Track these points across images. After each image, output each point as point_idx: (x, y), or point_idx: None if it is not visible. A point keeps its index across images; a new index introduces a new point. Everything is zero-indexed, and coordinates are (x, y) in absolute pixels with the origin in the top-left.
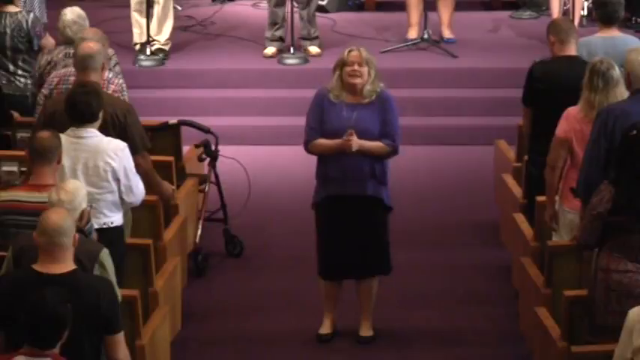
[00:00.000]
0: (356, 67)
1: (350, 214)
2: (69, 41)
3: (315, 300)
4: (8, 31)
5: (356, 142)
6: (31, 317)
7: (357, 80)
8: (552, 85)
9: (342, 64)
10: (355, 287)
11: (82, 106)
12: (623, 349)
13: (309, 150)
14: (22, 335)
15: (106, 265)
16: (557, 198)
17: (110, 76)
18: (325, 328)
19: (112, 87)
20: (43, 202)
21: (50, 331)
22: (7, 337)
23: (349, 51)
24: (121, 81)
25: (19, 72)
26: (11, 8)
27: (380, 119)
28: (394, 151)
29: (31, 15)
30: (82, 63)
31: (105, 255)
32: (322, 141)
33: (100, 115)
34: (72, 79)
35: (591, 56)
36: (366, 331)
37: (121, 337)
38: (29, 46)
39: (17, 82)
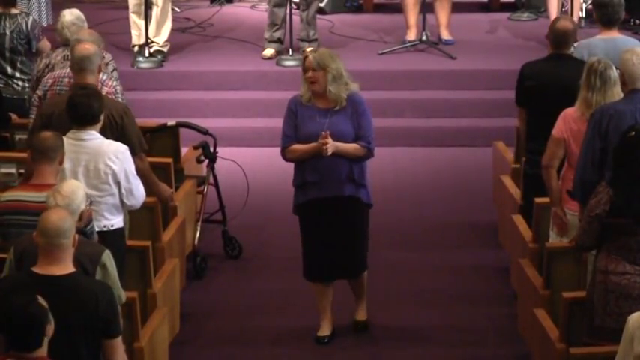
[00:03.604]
0: (310, 73)
1: (330, 215)
2: (67, 43)
3: (313, 300)
4: (8, 32)
5: (332, 145)
6: (5, 322)
7: (315, 86)
8: (542, 82)
9: (303, 70)
10: (347, 282)
11: (84, 108)
12: (624, 356)
13: (285, 157)
14: (7, 342)
15: (107, 267)
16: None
17: (104, 78)
18: (323, 330)
19: (106, 89)
20: (44, 202)
21: (28, 332)
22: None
23: (305, 57)
24: (115, 83)
25: (17, 74)
26: (12, 10)
27: (353, 123)
28: (369, 153)
29: (31, 18)
30: (79, 64)
31: (106, 256)
32: (297, 146)
33: (101, 117)
34: (66, 80)
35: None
36: (361, 316)
37: (119, 342)
38: (28, 48)
39: (15, 85)
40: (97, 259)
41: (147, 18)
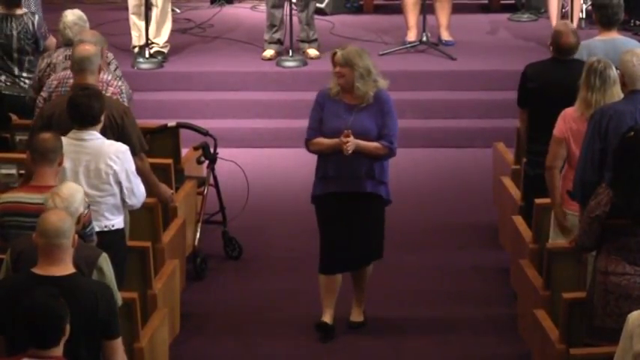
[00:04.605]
0: (338, 68)
1: (348, 209)
2: (69, 43)
3: (314, 301)
4: (15, 33)
5: (352, 143)
6: (26, 319)
7: (341, 81)
8: (544, 84)
9: (332, 65)
10: (350, 275)
11: (84, 109)
12: (623, 354)
13: (308, 149)
14: (24, 341)
15: (104, 270)
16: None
17: (109, 78)
18: (325, 318)
19: (111, 89)
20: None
21: (49, 328)
22: (7, 343)
23: (334, 53)
24: (119, 83)
25: (24, 74)
26: (17, 11)
27: (377, 121)
28: (391, 152)
29: (36, 17)
30: (79, 65)
31: (103, 260)
32: (320, 140)
33: (102, 117)
34: (71, 81)
35: None
36: (357, 317)
37: (119, 343)
38: (35, 47)
39: (22, 84)
40: (93, 263)
41: (147, 19)
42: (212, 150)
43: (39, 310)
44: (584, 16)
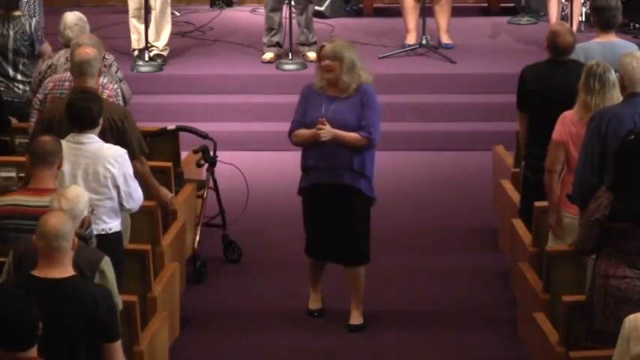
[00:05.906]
0: (327, 62)
1: (328, 201)
2: (69, 43)
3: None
4: (11, 33)
5: (328, 132)
6: (3, 323)
7: (330, 75)
8: (543, 86)
9: (319, 59)
10: (344, 275)
11: (83, 112)
12: (620, 357)
13: (291, 141)
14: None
15: (106, 273)
16: None
17: (105, 81)
18: (314, 304)
19: (107, 92)
20: (43, 206)
21: (27, 331)
22: None
23: (322, 46)
24: (115, 86)
25: (19, 77)
26: (15, 12)
27: (357, 113)
28: (370, 143)
29: (34, 20)
30: (79, 69)
31: (106, 263)
32: (300, 131)
33: (101, 121)
34: (67, 84)
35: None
36: (355, 319)
37: (118, 346)
38: (31, 50)
39: (16, 89)
40: (95, 266)
41: (146, 22)
42: (212, 153)
43: (17, 315)
44: (583, 19)
